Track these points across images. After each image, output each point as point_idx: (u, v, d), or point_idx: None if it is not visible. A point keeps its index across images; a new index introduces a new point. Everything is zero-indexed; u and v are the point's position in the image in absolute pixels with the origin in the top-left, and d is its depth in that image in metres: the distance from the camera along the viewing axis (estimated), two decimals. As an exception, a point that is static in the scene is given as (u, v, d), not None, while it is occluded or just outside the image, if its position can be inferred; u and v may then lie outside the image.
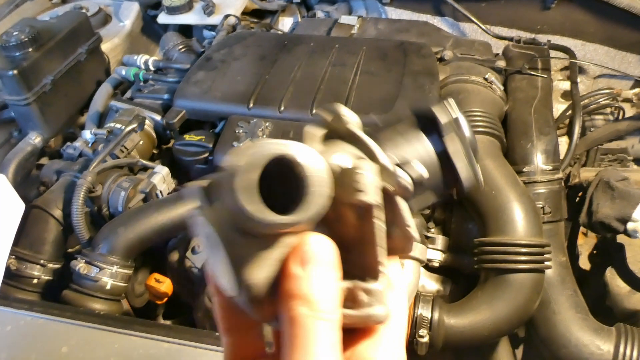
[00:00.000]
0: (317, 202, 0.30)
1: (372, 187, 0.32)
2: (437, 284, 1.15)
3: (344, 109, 0.35)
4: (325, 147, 0.35)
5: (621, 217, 1.09)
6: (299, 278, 0.31)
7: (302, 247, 0.32)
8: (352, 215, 0.34)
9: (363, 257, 0.34)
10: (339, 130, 0.36)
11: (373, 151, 0.35)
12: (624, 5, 1.49)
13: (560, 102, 1.48)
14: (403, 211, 0.34)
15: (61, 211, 1.19)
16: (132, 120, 1.33)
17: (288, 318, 0.31)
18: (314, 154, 0.31)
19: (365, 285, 0.33)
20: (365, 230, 0.34)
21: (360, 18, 1.66)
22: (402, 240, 0.35)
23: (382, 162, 0.34)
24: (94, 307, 1.04)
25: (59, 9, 1.88)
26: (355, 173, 0.32)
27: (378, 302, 0.34)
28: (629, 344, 0.98)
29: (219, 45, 1.49)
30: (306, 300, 0.31)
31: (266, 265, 0.32)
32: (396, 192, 0.34)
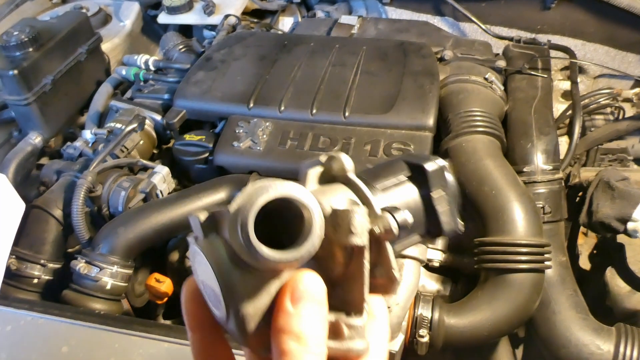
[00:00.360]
0: (311, 241, 0.33)
1: (363, 230, 0.35)
2: (437, 284, 1.15)
3: (343, 156, 0.39)
4: (321, 189, 0.39)
5: (621, 217, 1.09)
6: (291, 315, 0.34)
7: (296, 284, 0.34)
8: (341, 254, 0.37)
9: (348, 293, 0.37)
10: (336, 174, 0.39)
11: (366, 196, 0.38)
12: (624, 5, 1.49)
13: (560, 102, 1.48)
14: (389, 254, 0.37)
15: (61, 211, 1.19)
16: (132, 120, 1.34)
17: (279, 351, 0.34)
18: (311, 197, 0.33)
19: (349, 320, 0.36)
20: (352, 269, 0.37)
21: (360, 18, 1.66)
22: (386, 280, 0.38)
23: (373, 207, 0.37)
24: (94, 307, 1.04)
25: (59, 9, 1.88)
26: (348, 216, 0.35)
27: (359, 337, 0.37)
28: (629, 344, 0.98)
29: (219, 45, 1.49)
30: (297, 336, 0.33)
31: (260, 298, 0.35)
32: (383, 235, 0.36)
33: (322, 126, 1.20)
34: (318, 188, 0.39)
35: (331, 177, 0.40)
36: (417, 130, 1.16)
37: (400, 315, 0.97)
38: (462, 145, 1.16)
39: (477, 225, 1.09)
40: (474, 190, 1.10)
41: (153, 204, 1.14)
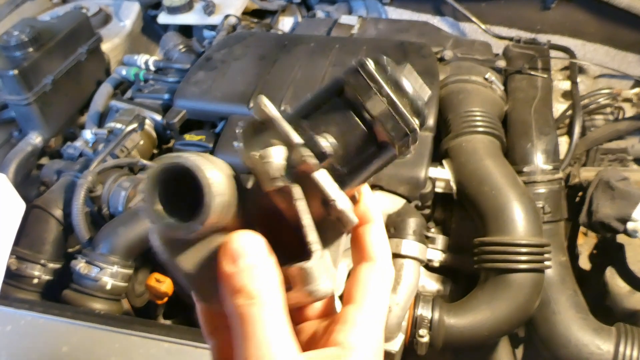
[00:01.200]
0: (205, 205, 0.32)
1: (278, 171, 0.34)
2: (437, 284, 1.15)
3: (264, 99, 0.36)
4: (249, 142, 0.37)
5: (621, 216, 1.09)
6: (232, 275, 0.33)
7: (229, 245, 0.34)
8: (281, 201, 0.36)
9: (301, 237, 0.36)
10: (266, 123, 0.37)
11: (285, 133, 0.35)
12: (624, 5, 1.49)
13: (560, 102, 1.48)
14: (321, 185, 0.35)
15: (61, 211, 1.19)
16: (133, 120, 1.34)
17: (232, 314, 0.33)
18: (204, 162, 0.32)
19: (297, 265, 0.35)
20: (293, 212, 0.35)
21: (360, 18, 1.66)
22: (334, 212, 0.36)
23: (292, 140, 0.35)
24: (94, 306, 1.04)
25: (59, 9, 1.88)
26: (262, 162, 0.34)
27: (313, 279, 0.35)
28: (629, 344, 0.98)
29: (219, 45, 1.49)
30: (243, 293, 0.33)
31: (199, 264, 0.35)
32: (303, 168, 0.35)
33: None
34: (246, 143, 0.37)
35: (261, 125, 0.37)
36: (417, 130, 1.16)
37: (400, 315, 0.98)
38: (462, 145, 1.16)
39: (477, 225, 1.09)
40: (474, 190, 1.10)
41: (153, 204, 1.14)
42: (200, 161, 0.32)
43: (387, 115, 0.36)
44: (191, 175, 0.32)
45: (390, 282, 0.40)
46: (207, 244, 0.35)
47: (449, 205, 1.21)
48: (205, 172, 0.32)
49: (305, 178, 0.35)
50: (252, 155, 0.35)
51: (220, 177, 0.33)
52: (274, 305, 0.33)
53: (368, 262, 0.39)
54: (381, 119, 0.36)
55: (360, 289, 0.38)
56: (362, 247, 0.40)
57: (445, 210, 1.22)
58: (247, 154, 0.35)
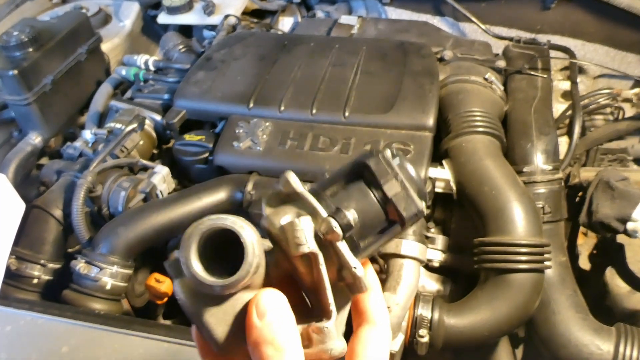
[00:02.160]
0: (247, 264, 0.36)
1: (308, 239, 0.39)
2: (437, 284, 1.15)
3: (288, 174, 0.42)
4: (275, 211, 0.42)
5: (621, 217, 1.09)
6: (260, 328, 0.37)
7: (257, 301, 0.38)
8: (303, 265, 0.40)
9: (318, 300, 0.41)
10: (288, 193, 0.42)
11: (311, 205, 0.41)
12: (624, 5, 1.49)
13: (560, 102, 1.48)
14: (343, 253, 0.39)
15: (61, 211, 1.19)
16: (132, 120, 1.34)
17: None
18: (242, 224, 0.37)
19: (317, 324, 0.39)
20: (315, 276, 0.40)
21: (360, 18, 1.66)
22: (351, 279, 0.40)
23: (319, 213, 0.40)
24: (94, 307, 1.04)
25: (59, 9, 1.88)
26: (292, 229, 0.39)
27: (329, 339, 0.39)
28: (629, 344, 0.98)
29: (219, 45, 1.49)
30: (271, 343, 0.37)
31: (224, 321, 0.39)
32: (329, 237, 0.39)
33: (322, 126, 1.20)
34: (273, 210, 0.42)
35: (286, 197, 0.43)
36: (417, 130, 1.16)
37: (400, 315, 0.98)
38: (462, 146, 1.16)
39: (477, 225, 1.09)
40: (474, 190, 1.10)
41: (153, 204, 1.14)
42: (242, 223, 0.37)
43: (401, 197, 0.42)
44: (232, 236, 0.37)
45: (389, 343, 0.44)
46: (235, 300, 0.39)
47: (449, 205, 1.21)
48: (247, 234, 0.37)
49: (327, 246, 0.39)
50: (281, 223, 0.40)
51: (257, 239, 0.37)
52: (298, 357, 0.37)
53: (369, 325, 0.44)
54: (396, 200, 0.42)
55: (363, 346, 0.42)
56: (363, 311, 0.44)
57: (445, 210, 1.22)
58: (275, 221, 0.40)
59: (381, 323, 0.43)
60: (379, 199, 0.42)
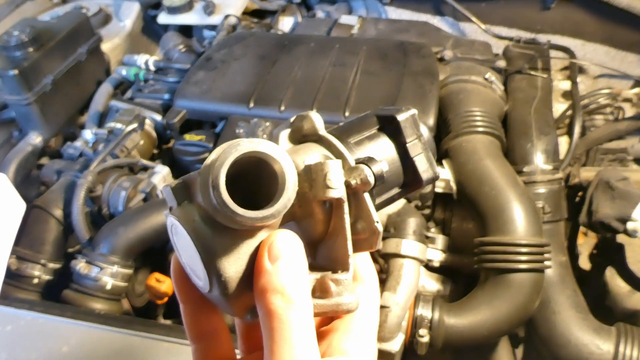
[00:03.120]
0: (286, 195, 0.32)
1: (339, 183, 0.35)
2: (437, 284, 1.15)
3: (313, 114, 0.39)
4: (294, 148, 0.39)
5: (621, 216, 1.08)
6: (271, 273, 0.34)
7: (272, 243, 0.34)
8: (320, 211, 0.37)
9: (332, 251, 0.37)
10: (307, 134, 0.40)
11: (339, 150, 0.38)
12: (624, 5, 1.49)
13: (560, 102, 1.48)
14: (368, 205, 0.37)
15: (61, 211, 1.19)
16: (133, 120, 1.34)
17: (265, 311, 0.34)
18: (282, 152, 0.33)
19: (335, 275, 0.36)
20: (334, 225, 0.37)
21: (360, 18, 1.66)
22: (368, 234, 0.37)
23: (347, 160, 0.37)
24: (95, 306, 1.04)
25: (59, 9, 1.88)
26: (323, 169, 0.35)
27: (347, 291, 0.36)
28: (629, 344, 0.98)
29: (219, 45, 1.49)
30: (280, 292, 0.33)
31: (239, 259, 0.34)
32: (360, 186, 0.36)
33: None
34: (291, 148, 0.39)
35: (303, 137, 0.40)
36: (417, 130, 1.16)
37: (400, 315, 0.98)
38: (462, 145, 1.16)
39: (477, 225, 1.09)
40: (474, 190, 1.10)
41: (153, 204, 1.14)
42: (282, 153, 0.33)
43: (424, 159, 0.41)
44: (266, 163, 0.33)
45: (378, 300, 0.42)
46: (250, 237, 0.34)
47: (449, 205, 1.21)
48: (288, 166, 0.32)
49: (350, 195, 0.37)
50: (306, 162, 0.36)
51: (295, 172, 0.33)
52: (308, 311, 0.34)
53: (358, 282, 0.41)
54: (418, 161, 0.40)
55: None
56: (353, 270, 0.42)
57: (445, 210, 1.22)
58: (298, 159, 0.36)
59: (370, 281, 0.41)
60: (400, 157, 0.41)
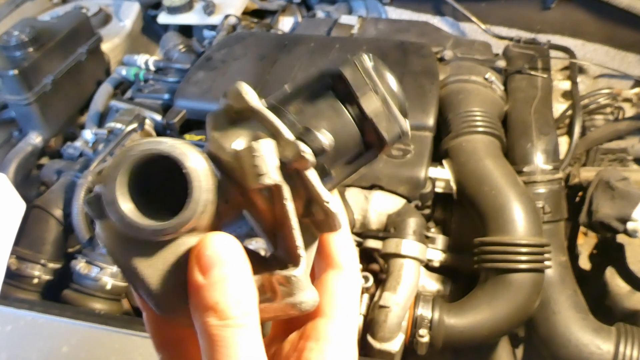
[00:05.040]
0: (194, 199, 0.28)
1: (270, 167, 0.30)
2: (437, 284, 1.15)
3: (244, 87, 0.33)
4: (224, 133, 0.33)
5: (621, 216, 1.08)
6: (203, 287, 0.29)
7: (202, 251, 0.29)
8: (261, 199, 0.32)
9: (284, 241, 0.32)
10: (242, 110, 0.33)
11: (273, 125, 0.32)
12: (624, 5, 1.49)
13: (560, 102, 1.48)
14: (313, 183, 0.31)
15: (61, 211, 1.19)
16: (133, 120, 1.34)
17: (200, 331, 0.29)
18: (188, 150, 0.29)
19: (282, 273, 0.31)
20: (278, 213, 0.32)
21: (360, 18, 1.66)
22: (323, 215, 0.32)
23: (283, 135, 0.31)
24: (95, 306, 1.04)
25: (59, 9, 1.88)
26: (250, 156, 0.30)
27: (298, 289, 0.31)
28: (629, 344, 0.98)
29: (219, 45, 1.49)
30: (214, 310, 0.28)
31: (167, 272, 0.30)
32: (297, 165, 0.31)
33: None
34: (221, 133, 0.33)
35: (236, 114, 0.33)
36: (417, 130, 1.16)
37: (400, 315, 0.97)
38: (462, 145, 1.16)
39: (477, 225, 1.09)
40: (474, 190, 1.10)
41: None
42: (185, 148, 0.29)
43: (382, 114, 0.34)
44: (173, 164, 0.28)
45: (359, 291, 0.36)
46: (175, 247, 0.30)
47: (449, 205, 1.21)
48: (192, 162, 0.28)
49: (293, 176, 0.31)
50: (233, 148, 0.31)
51: (206, 168, 0.29)
52: (250, 326, 0.29)
53: (335, 269, 0.36)
54: (375, 118, 0.34)
55: (329, 301, 0.35)
56: (328, 253, 0.36)
57: (445, 210, 1.22)
58: (226, 145, 0.31)
59: (349, 267, 0.36)
60: (354, 117, 0.34)
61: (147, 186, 0.30)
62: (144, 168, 0.29)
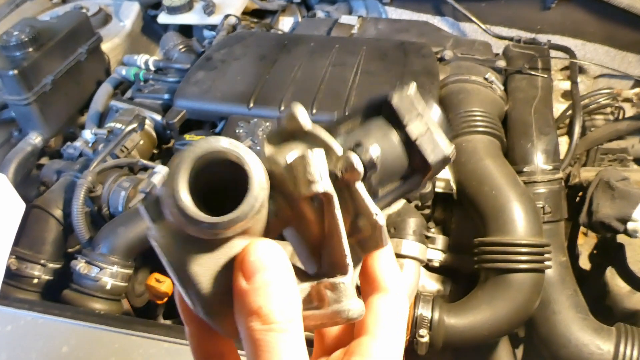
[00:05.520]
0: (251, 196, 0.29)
1: (322, 175, 0.31)
2: (437, 284, 1.15)
3: (298, 109, 0.35)
4: (278, 148, 0.35)
5: (621, 216, 1.08)
6: (246, 292, 0.29)
7: (246, 257, 0.30)
8: (311, 210, 0.33)
9: (331, 254, 0.33)
10: (295, 131, 0.35)
11: (323, 140, 0.33)
12: (624, 5, 1.49)
13: (560, 102, 1.48)
14: (363, 197, 0.32)
15: (61, 211, 1.19)
16: (133, 120, 1.33)
17: (243, 336, 0.30)
18: (245, 148, 0.29)
19: (331, 280, 0.32)
20: (327, 224, 0.32)
21: (360, 18, 1.66)
22: (370, 230, 0.33)
23: (333, 149, 0.33)
24: (94, 306, 1.04)
25: (59, 9, 1.88)
26: (303, 164, 0.31)
27: (346, 297, 0.32)
28: (629, 344, 0.98)
29: (219, 45, 1.49)
30: (257, 314, 0.29)
31: (216, 274, 0.30)
32: (348, 176, 0.32)
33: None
34: (275, 149, 0.35)
35: (290, 135, 0.35)
36: (417, 130, 1.16)
37: (400, 315, 0.97)
38: (462, 145, 1.16)
39: (477, 225, 1.09)
40: (474, 190, 1.10)
41: (153, 204, 1.14)
42: (244, 149, 0.29)
43: (427, 139, 0.35)
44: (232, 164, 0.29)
45: (406, 312, 0.36)
46: (228, 248, 0.30)
47: (449, 205, 1.21)
48: (252, 160, 0.29)
49: (343, 190, 0.32)
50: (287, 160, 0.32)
51: (263, 168, 0.30)
52: (293, 331, 0.29)
53: (381, 292, 0.36)
54: (420, 142, 0.35)
55: (375, 320, 0.34)
56: (373, 277, 0.36)
57: (445, 210, 1.22)
58: (280, 159, 0.32)
59: (395, 290, 0.35)
60: (401, 141, 0.36)
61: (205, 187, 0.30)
62: (204, 167, 0.29)
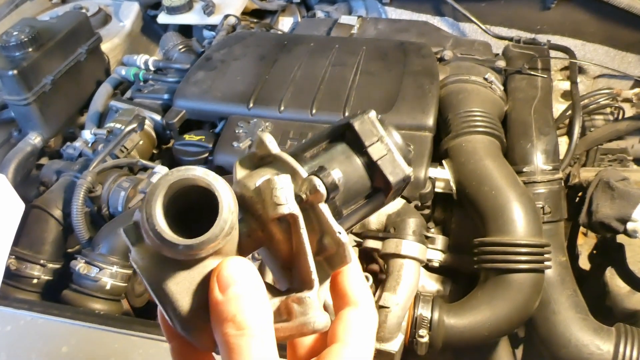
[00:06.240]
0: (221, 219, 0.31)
1: (288, 198, 0.34)
2: (437, 284, 1.15)
3: (267, 136, 0.39)
4: (249, 174, 0.38)
5: (621, 217, 1.08)
6: (221, 303, 0.32)
7: (220, 272, 0.33)
8: (279, 231, 0.36)
9: (299, 271, 0.36)
10: (264, 156, 0.39)
11: (290, 165, 0.37)
12: (624, 5, 1.49)
13: (560, 102, 1.48)
14: (326, 217, 0.35)
15: (61, 211, 1.19)
16: (132, 120, 1.33)
17: (221, 343, 0.32)
18: (213, 175, 0.33)
19: (297, 295, 0.35)
20: (294, 243, 0.36)
21: (360, 18, 1.66)
22: (335, 247, 0.36)
23: (299, 173, 0.36)
24: (94, 307, 1.04)
25: (59, 9, 1.88)
26: (270, 187, 0.34)
27: (311, 310, 0.35)
28: (629, 344, 0.98)
29: (219, 45, 1.49)
30: (232, 321, 0.32)
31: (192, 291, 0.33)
32: (312, 198, 0.35)
33: (322, 126, 1.20)
34: (245, 174, 0.38)
35: (260, 161, 0.39)
36: (417, 130, 1.16)
37: (400, 316, 0.97)
38: (462, 145, 1.16)
39: (477, 226, 1.09)
40: (474, 190, 1.10)
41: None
42: (214, 176, 0.33)
43: (388, 160, 0.39)
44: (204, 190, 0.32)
45: (375, 325, 0.39)
46: (202, 268, 0.34)
47: (449, 205, 1.21)
48: (221, 187, 0.32)
49: (308, 210, 0.35)
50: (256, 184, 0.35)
51: (233, 194, 0.33)
52: (264, 337, 0.32)
53: (351, 306, 0.39)
54: (382, 163, 0.39)
55: (345, 329, 0.37)
56: (343, 292, 0.39)
57: (445, 210, 1.22)
58: (250, 183, 0.36)
59: (364, 303, 0.38)
60: (363, 163, 0.39)
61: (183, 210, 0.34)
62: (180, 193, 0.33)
